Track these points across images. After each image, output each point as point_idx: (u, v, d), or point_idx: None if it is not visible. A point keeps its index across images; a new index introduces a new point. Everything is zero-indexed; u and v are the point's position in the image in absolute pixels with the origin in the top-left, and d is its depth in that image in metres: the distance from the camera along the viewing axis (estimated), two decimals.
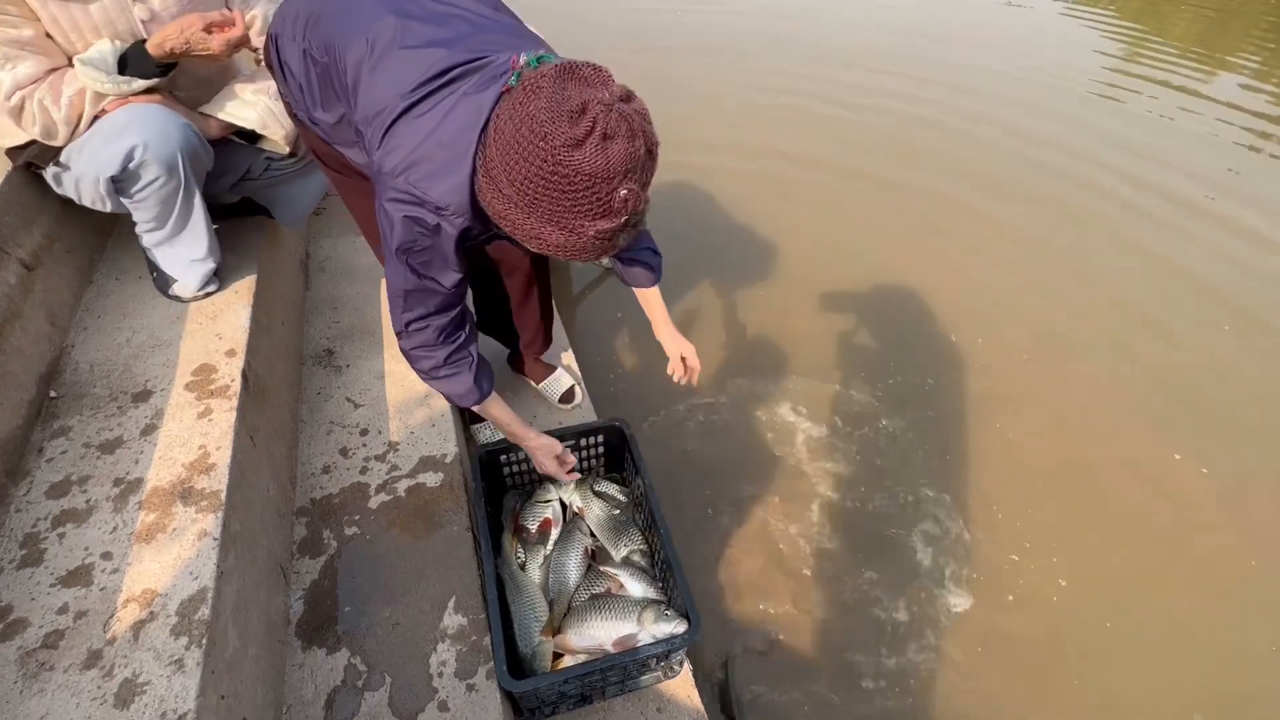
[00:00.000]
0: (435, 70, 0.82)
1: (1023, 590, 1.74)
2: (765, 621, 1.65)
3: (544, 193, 0.69)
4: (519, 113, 0.69)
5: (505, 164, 0.71)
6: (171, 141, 1.20)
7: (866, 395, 2.24)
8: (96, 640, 0.90)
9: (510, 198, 0.73)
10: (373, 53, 0.89)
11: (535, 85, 0.69)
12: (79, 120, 1.19)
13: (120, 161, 1.16)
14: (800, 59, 4.72)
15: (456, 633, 1.20)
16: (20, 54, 1.10)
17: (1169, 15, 6.66)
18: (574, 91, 0.67)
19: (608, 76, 0.71)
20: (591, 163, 0.67)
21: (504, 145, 0.70)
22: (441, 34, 0.86)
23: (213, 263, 1.41)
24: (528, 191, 0.70)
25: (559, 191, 0.69)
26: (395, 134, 0.83)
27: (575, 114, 0.67)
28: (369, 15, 0.93)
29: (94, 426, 1.17)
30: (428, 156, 0.80)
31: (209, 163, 1.34)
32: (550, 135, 0.67)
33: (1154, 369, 2.39)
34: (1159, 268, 2.89)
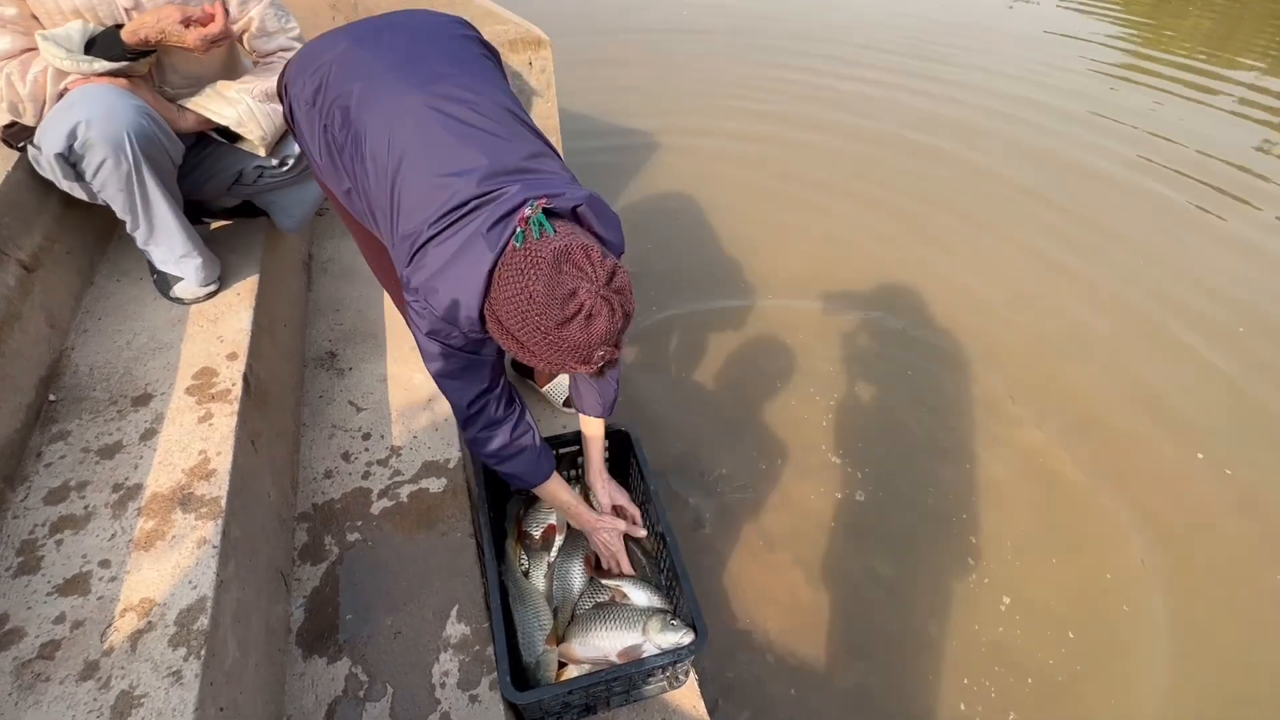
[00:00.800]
0: (455, 203, 0.91)
1: (1031, 596, 1.72)
2: (769, 628, 1.63)
3: (537, 345, 0.86)
4: (520, 286, 0.83)
5: (507, 315, 0.86)
6: (117, 119, 1.15)
7: (871, 399, 2.22)
8: (94, 651, 0.89)
9: (509, 338, 0.88)
10: (399, 168, 0.96)
11: (535, 264, 0.82)
12: (44, 99, 1.17)
13: (65, 139, 1.13)
14: (803, 55, 4.70)
15: (459, 642, 1.18)
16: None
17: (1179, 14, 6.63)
18: (566, 278, 0.82)
19: (597, 259, 0.84)
20: (576, 337, 0.83)
21: (506, 301, 0.85)
22: (464, 163, 0.94)
23: (199, 258, 1.37)
24: (524, 341, 0.86)
25: (550, 346, 0.85)
26: (422, 258, 0.93)
27: (566, 298, 0.81)
28: (397, 126, 0.96)
29: (93, 431, 1.16)
30: (442, 286, 0.91)
31: (174, 154, 1.29)
32: (545, 314, 0.82)
33: (1173, 371, 2.37)
34: (1170, 268, 2.86)
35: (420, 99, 0.98)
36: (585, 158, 3.22)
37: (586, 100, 3.87)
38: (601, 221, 0.95)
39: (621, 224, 1.01)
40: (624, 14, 5.49)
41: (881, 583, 1.74)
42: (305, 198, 1.57)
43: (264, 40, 1.38)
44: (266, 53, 1.40)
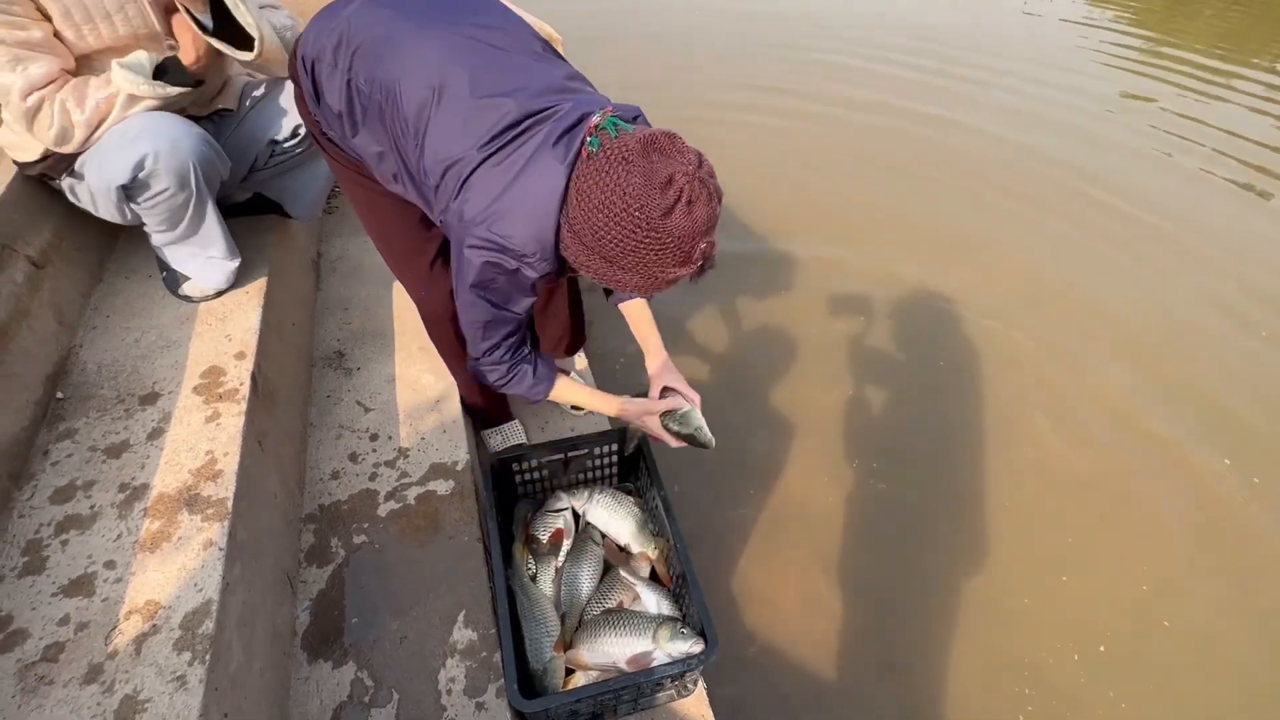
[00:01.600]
0: (507, 122, 0.87)
1: (1058, 607, 1.69)
2: (780, 637, 1.61)
3: (633, 250, 0.80)
4: (608, 183, 0.78)
5: (594, 225, 0.80)
6: (183, 151, 1.18)
7: (884, 403, 2.19)
8: (97, 654, 0.88)
9: (597, 251, 0.83)
10: (439, 99, 0.91)
11: (623, 157, 0.78)
12: (100, 124, 1.16)
13: (130, 170, 1.15)
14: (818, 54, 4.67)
15: (466, 648, 1.17)
16: (31, 55, 1.08)
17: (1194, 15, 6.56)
18: (660, 165, 0.77)
19: (683, 144, 0.81)
20: (681, 227, 0.78)
21: (593, 209, 0.80)
22: (507, 84, 0.89)
23: (236, 261, 1.39)
24: (617, 248, 0.81)
25: (647, 249, 0.80)
26: (474, 184, 0.88)
27: (664, 185, 0.77)
28: (430, 59, 0.92)
29: (100, 429, 1.15)
30: (509, 207, 0.86)
31: (225, 171, 1.32)
32: (646, 207, 0.77)
33: (1207, 368, 2.33)
34: (1194, 274, 2.82)
35: (450, 31, 0.95)
36: None
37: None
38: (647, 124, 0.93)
39: None
40: (633, 14, 5.48)
41: (898, 591, 1.71)
42: (315, 179, 1.56)
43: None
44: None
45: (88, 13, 1.11)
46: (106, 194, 1.19)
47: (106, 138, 1.16)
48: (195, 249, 1.34)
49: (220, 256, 1.36)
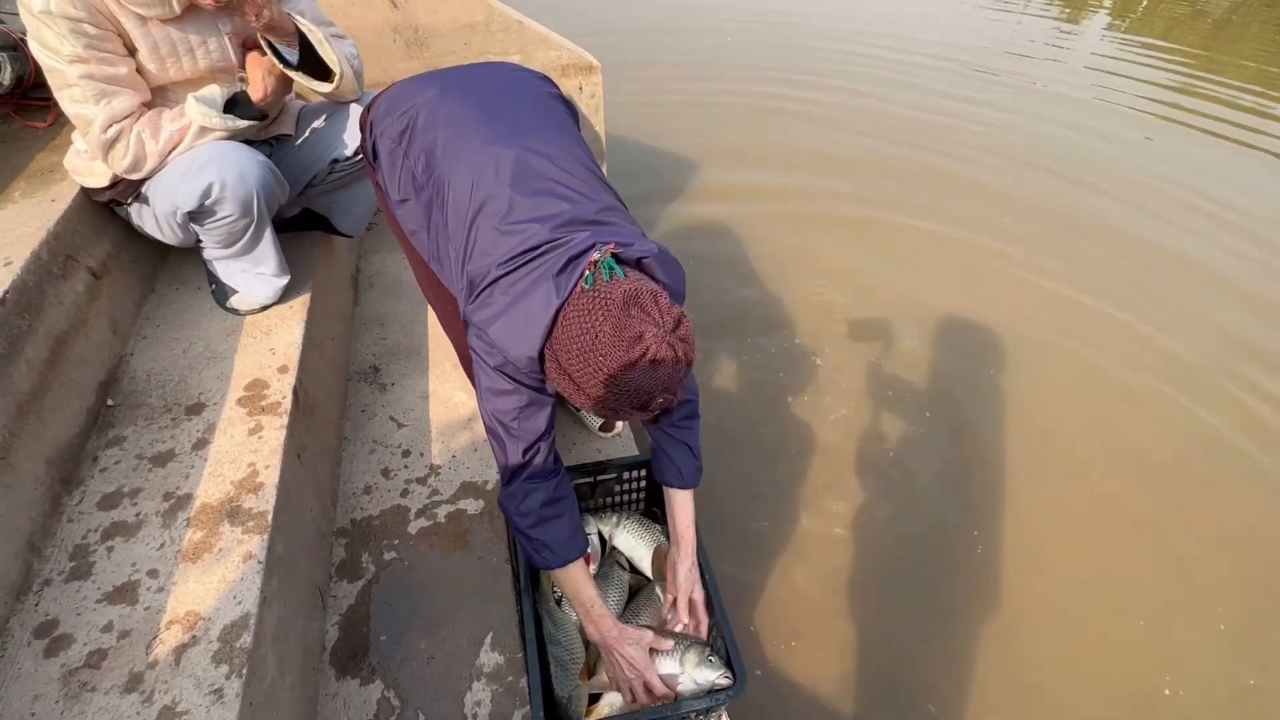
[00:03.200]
0: (528, 245, 0.93)
1: (1069, 642, 1.64)
2: (797, 667, 1.57)
3: (596, 387, 0.84)
4: (586, 324, 0.83)
5: (568, 354, 0.85)
6: (249, 181, 1.23)
7: (905, 430, 2.16)
8: (138, 663, 0.89)
9: (567, 374, 0.87)
10: (479, 214, 0.98)
11: (604, 304, 0.83)
12: (170, 152, 1.22)
13: (198, 197, 1.20)
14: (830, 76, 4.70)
15: (492, 671, 1.16)
16: (115, 90, 1.14)
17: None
18: (634, 321, 0.81)
19: (665, 304, 0.84)
20: (639, 381, 0.82)
21: (569, 340, 0.85)
22: (541, 210, 0.96)
23: (285, 279, 1.44)
24: (582, 382, 0.85)
25: (607, 390, 0.84)
26: (489, 295, 0.94)
27: (633, 341, 0.81)
28: (481, 176, 0.99)
29: (147, 438, 1.18)
30: (507, 324, 0.92)
31: (284, 196, 1.37)
32: (611, 357, 0.81)
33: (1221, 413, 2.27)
34: (1229, 308, 2.76)
35: (506, 150, 1.00)
36: (628, 180, 3.25)
37: (630, 121, 3.92)
38: (667, 274, 0.96)
39: (685, 279, 1.02)
40: (673, 40, 5.57)
41: (920, 624, 1.67)
42: (367, 194, 1.61)
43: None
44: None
45: (174, 48, 1.17)
46: (171, 219, 1.24)
47: (173, 165, 1.21)
48: (247, 265, 1.38)
49: (271, 273, 1.40)
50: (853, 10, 6.85)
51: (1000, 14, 6.67)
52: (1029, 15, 7.14)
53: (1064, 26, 6.77)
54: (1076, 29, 6.86)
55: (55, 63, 1.09)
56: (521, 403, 0.99)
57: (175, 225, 1.26)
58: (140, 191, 1.27)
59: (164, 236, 1.33)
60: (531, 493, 1.04)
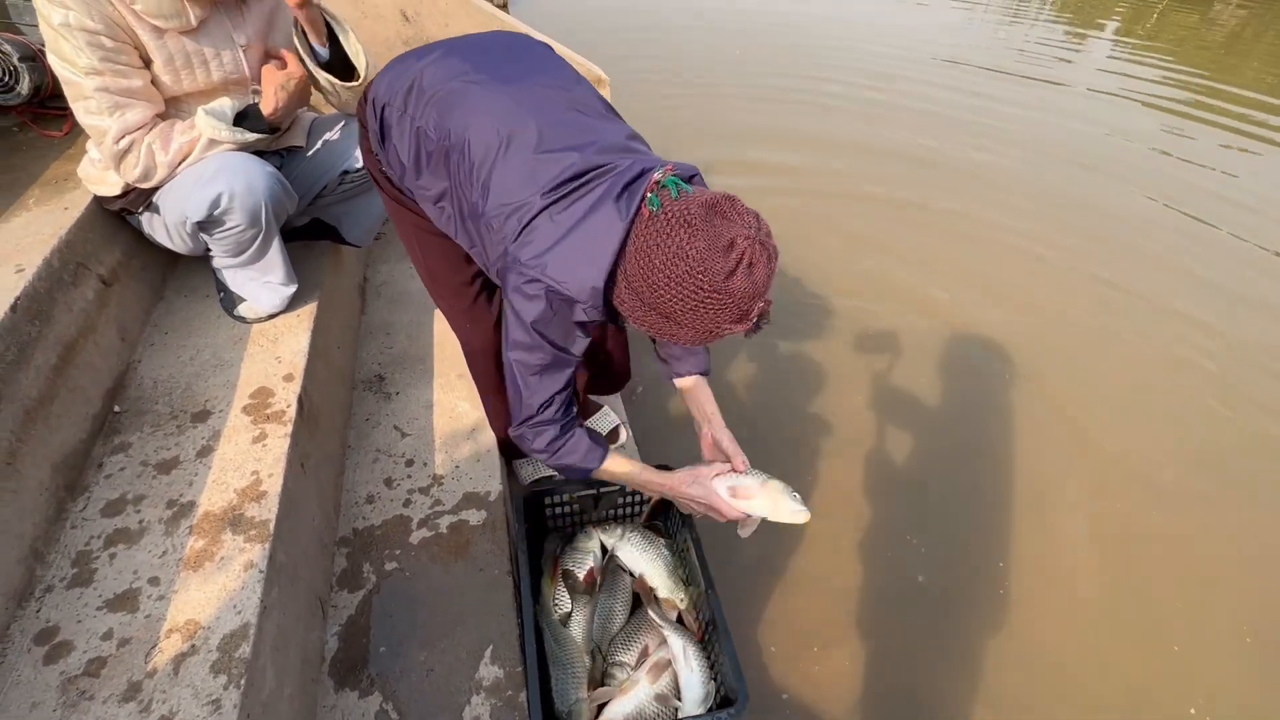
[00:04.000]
0: (571, 173, 0.90)
1: (1085, 672, 1.61)
2: (802, 686, 1.55)
3: (693, 308, 0.81)
4: (671, 244, 0.79)
5: (653, 283, 0.81)
6: (258, 192, 1.24)
7: (913, 445, 2.14)
8: (137, 671, 0.89)
9: (654, 307, 0.84)
10: (506, 148, 0.94)
11: (686, 220, 0.79)
12: (180, 163, 1.24)
13: (207, 208, 1.21)
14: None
15: (492, 685, 1.15)
16: (129, 102, 1.16)
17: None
18: (722, 228, 0.78)
19: (743, 207, 0.82)
20: (742, 288, 0.79)
21: (653, 268, 0.81)
22: (573, 139, 0.93)
23: (293, 288, 1.44)
24: (676, 306, 0.81)
25: (707, 308, 0.81)
26: (535, 229, 0.90)
27: (727, 249, 0.78)
28: (499, 110, 0.96)
29: (153, 445, 1.18)
30: (566, 254, 0.88)
31: (292, 207, 1.38)
32: (710, 270, 0.78)
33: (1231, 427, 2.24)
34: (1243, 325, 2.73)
35: (520, 87, 0.98)
36: None
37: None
38: (704, 184, 0.94)
39: None
40: (677, 53, 5.61)
41: (928, 647, 1.65)
42: (375, 205, 1.62)
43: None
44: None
45: (188, 60, 1.19)
46: (181, 228, 1.26)
47: (183, 176, 1.23)
48: (255, 274, 1.39)
49: (278, 282, 1.41)
50: (870, 27, 6.89)
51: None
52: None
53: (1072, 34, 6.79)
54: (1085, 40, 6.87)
55: (72, 74, 1.11)
56: (545, 360, 0.99)
57: (185, 234, 1.28)
58: (151, 201, 1.28)
59: (174, 245, 1.34)
60: (540, 434, 1.07)
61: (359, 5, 2.09)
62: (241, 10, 1.25)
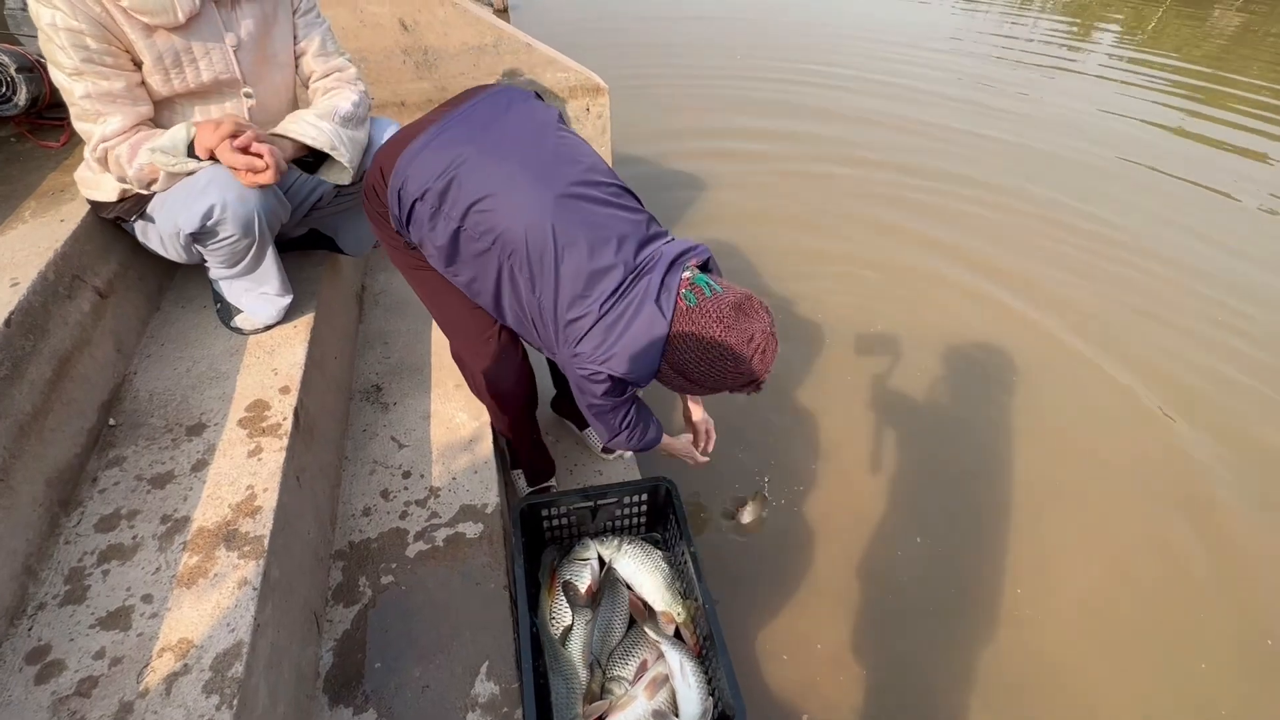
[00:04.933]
0: (614, 285, 1.07)
1: (1091, 681, 1.60)
2: (803, 701, 1.54)
3: (716, 378, 1.08)
4: (707, 337, 1.03)
5: (687, 361, 1.06)
6: (250, 203, 1.23)
7: (912, 455, 2.13)
8: (129, 691, 0.88)
9: (683, 375, 1.09)
10: (561, 258, 1.07)
11: (719, 318, 1.03)
12: (151, 183, 1.23)
13: (199, 219, 1.20)
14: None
15: (488, 702, 1.15)
16: (110, 108, 1.14)
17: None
18: (746, 326, 1.04)
19: (759, 303, 1.07)
20: (755, 369, 1.06)
21: (690, 350, 1.05)
22: (615, 249, 1.08)
23: (288, 298, 1.44)
24: (702, 376, 1.08)
25: (726, 379, 1.08)
26: (594, 334, 1.08)
27: (748, 342, 1.04)
28: (546, 224, 1.06)
29: (147, 459, 1.18)
30: (621, 352, 1.07)
31: (285, 217, 1.37)
32: (738, 358, 1.04)
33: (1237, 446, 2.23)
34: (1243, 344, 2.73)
35: (562, 185, 1.08)
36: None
37: (638, 142, 3.95)
38: (716, 266, 1.20)
39: None
40: (682, 57, 5.63)
41: (931, 658, 1.64)
42: None
43: (323, 60, 1.41)
44: (325, 72, 1.42)
45: (177, 58, 1.18)
46: (175, 238, 1.25)
47: (176, 187, 1.22)
48: (250, 284, 1.38)
49: (274, 293, 1.40)
50: (868, 28, 6.91)
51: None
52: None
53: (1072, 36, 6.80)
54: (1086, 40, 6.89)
55: (60, 77, 1.11)
56: (616, 404, 1.21)
57: (179, 245, 1.27)
58: (145, 210, 1.28)
59: (169, 255, 1.34)
60: (631, 437, 1.32)
61: (358, 15, 2.09)
62: (234, 9, 1.23)
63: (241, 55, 1.25)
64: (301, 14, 1.36)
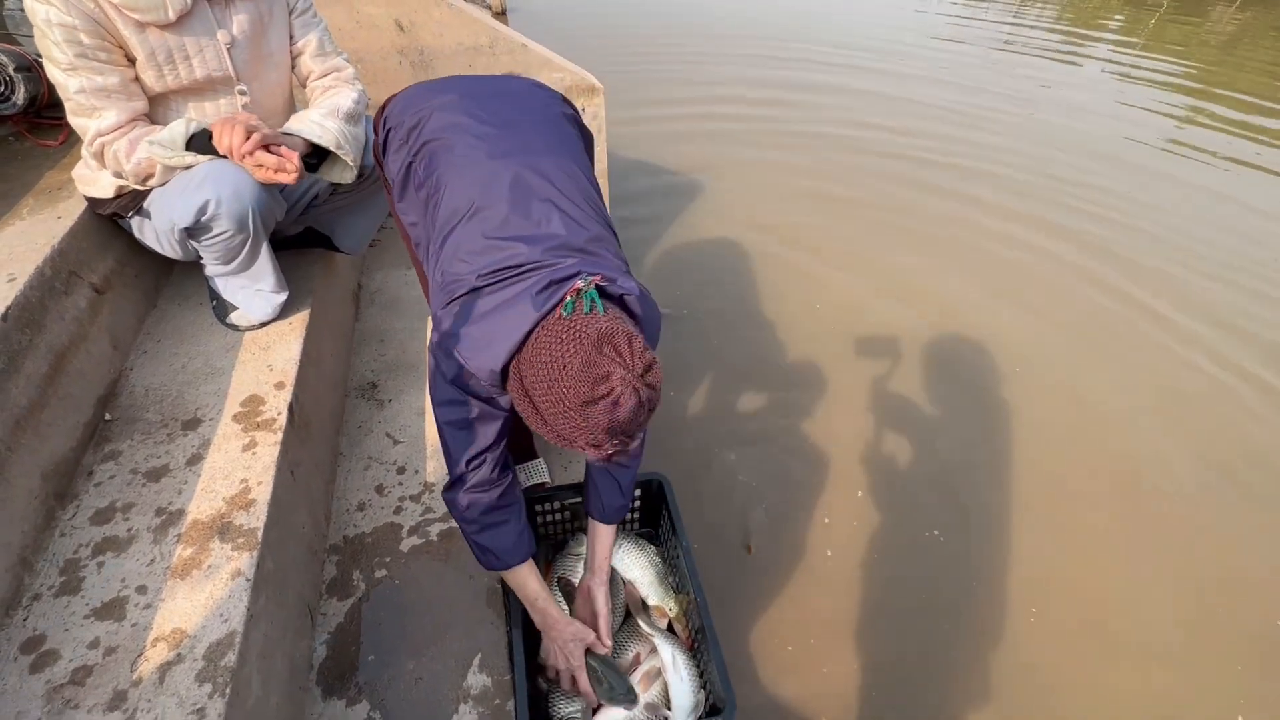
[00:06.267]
0: (512, 263, 0.93)
1: (1083, 679, 1.60)
2: (795, 696, 1.55)
3: (554, 414, 0.82)
4: (555, 352, 0.81)
5: (533, 378, 0.84)
6: (244, 199, 1.24)
7: (910, 457, 2.14)
8: (123, 680, 0.89)
9: (526, 401, 0.86)
10: (469, 219, 0.98)
11: (577, 338, 0.81)
12: (148, 177, 1.24)
13: (194, 214, 1.21)
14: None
15: (480, 694, 1.15)
16: (105, 103, 1.15)
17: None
18: (604, 360, 0.79)
19: (639, 349, 0.82)
20: (599, 420, 0.80)
21: (536, 365, 0.83)
22: (531, 231, 0.96)
23: (284, 295, 1.45)
24: (541, 407, 0.83)
25: (564, 422, 0.82)
26: (460, 305, 0.94)
27: (599, 380, 0.79)
28: (479, 182, 1.00)
29: (143, 453, 1.19)
30: (475, 336, 0.91)
31: (280, 214, 1.38)
32: (575, 390, 0.80)
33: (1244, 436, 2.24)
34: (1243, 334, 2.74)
35: (508, 165, 1.02)
36: (629, 204, 3.28)
37: (632, 142, 3.96)
38: (645, 316, 0.95)
39: (661, 325, 1.04)
40: (677, 58, 5.65)
41: (924, 656, 1.65)
42: (368, 214, 1.64)
43: (321, 60, 1.43)
44: (323, 72, 1.44)
45: (170, 55, 1.19)
46: (170, 234, 1.26)
47: (173, 182, 1.24)
48: (246, 281, 1.39)
49: (269, 290, 1.41)
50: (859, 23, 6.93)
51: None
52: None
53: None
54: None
55: (55, 72, 1.12)
56: (471, 415, 1.00)
57: (174, 241, 1.28)
58: (142, 206, 1.29)
59: (164, 251, 1.35)
60: (474, 502, 1.05)
61: (354, 15, 2.11)
62: (227, 7, 1.24)
63: (235, 53, 1.26)
64: (298, 14, 1.37)
